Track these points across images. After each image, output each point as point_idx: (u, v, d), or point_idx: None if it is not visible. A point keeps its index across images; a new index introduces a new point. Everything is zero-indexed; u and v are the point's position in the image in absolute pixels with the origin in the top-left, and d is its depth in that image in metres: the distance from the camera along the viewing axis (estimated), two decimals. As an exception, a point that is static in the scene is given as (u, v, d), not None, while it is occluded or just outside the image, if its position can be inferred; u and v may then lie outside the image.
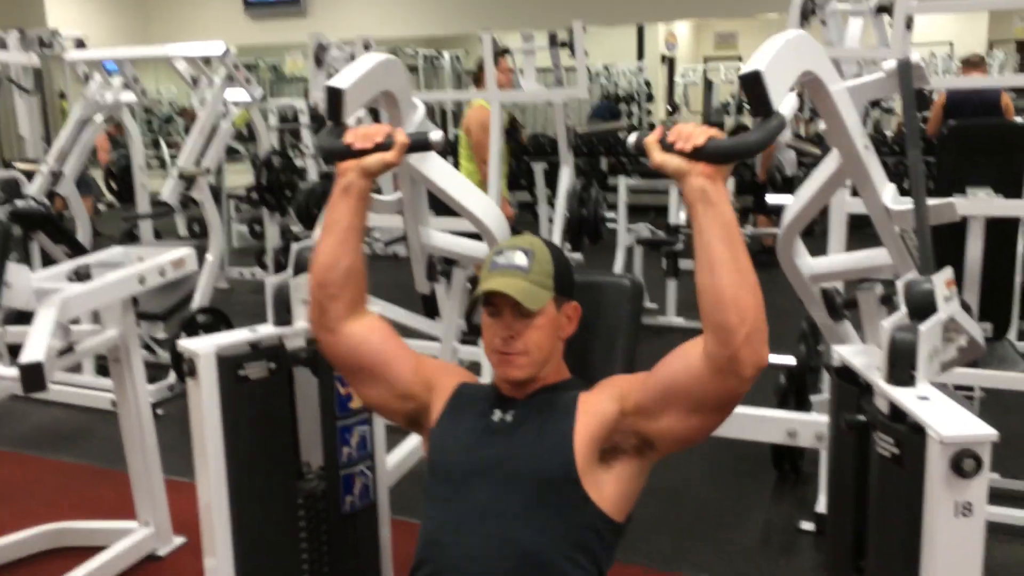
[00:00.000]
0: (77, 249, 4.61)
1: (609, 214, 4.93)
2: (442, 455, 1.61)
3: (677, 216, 5.93)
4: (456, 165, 5.01)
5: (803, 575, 2.68)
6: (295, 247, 2.02)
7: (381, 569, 2.09)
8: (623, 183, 5.76)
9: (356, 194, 1.65)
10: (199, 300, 4.57)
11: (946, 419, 1.30)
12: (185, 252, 2.94)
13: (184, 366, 1.81)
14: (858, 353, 1.61)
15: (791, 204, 1.87)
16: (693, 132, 1.39)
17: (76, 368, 4.60)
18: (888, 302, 1.81)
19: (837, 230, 2.89)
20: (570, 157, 3.71)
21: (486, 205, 2.07)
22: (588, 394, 1.60)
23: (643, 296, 1.79)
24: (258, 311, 2.07)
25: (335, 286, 1.65)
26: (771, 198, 5.75)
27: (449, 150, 4.12)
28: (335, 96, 1.67)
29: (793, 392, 3.23)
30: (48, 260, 4.34)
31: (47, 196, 5.08)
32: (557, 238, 3.62)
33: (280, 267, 5.05)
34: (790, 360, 3.09)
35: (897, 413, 1.39)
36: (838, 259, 1.92)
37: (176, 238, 6.98)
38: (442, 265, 2.56)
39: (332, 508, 1.96)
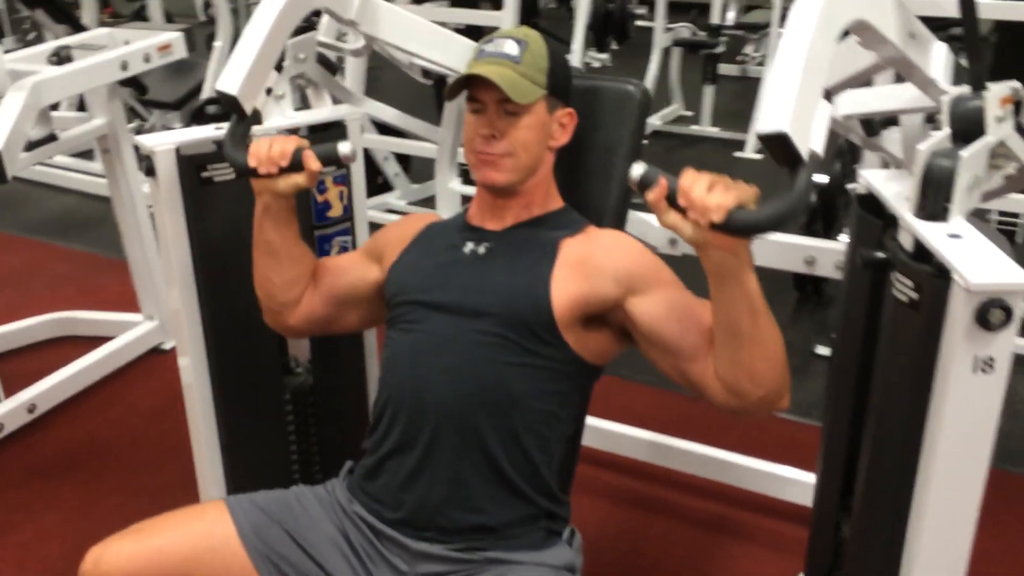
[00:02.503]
0: (79, 29, 4.39)
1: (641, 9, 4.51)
2: (404, 283, 1.47)
3: (721, 16, 5.50)
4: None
5: (814, 398, 2.59)
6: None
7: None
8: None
9: (277, 214, 1.48)
10: (208, 89, 4.36)
11: (976, 262, 1.11)
12: (172, 36, 2.72)
13: (141, 164, 1.65)
14: (889, 179, 1.40)
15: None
16: (707, 202, 1.10)
17: (89, 154, 4.49)
18: (932, 121, 1.57)
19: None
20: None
21: (458, 48, 1.79)
22: (574, 240, 1.43)
23: (649, 108, 1.57)
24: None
25: (286, 296, 1.54)
26: None
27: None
28: (229, 100, 1.50)
29: (822, 214, 3.03)
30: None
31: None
32: (579, 35, 3.31)
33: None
34: (823, 179, 2.86)
35: (922, 252, 1.20)
36: (870, 94, 1.65)
37: (192, 20, 6.63)
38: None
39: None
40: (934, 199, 1.23)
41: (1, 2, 6.38)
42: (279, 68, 1.74)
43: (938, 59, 1.41)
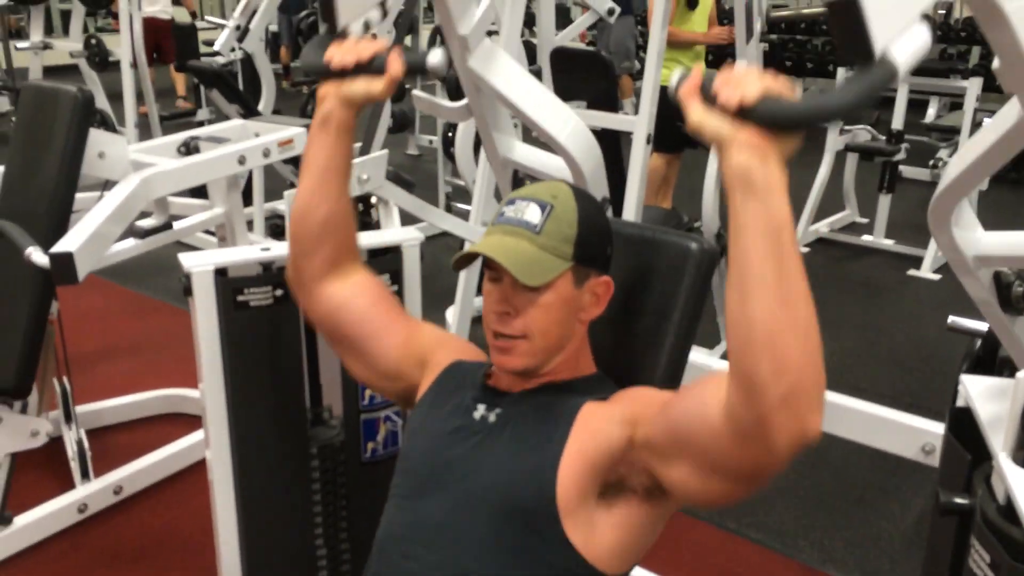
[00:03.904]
0: (249, 110, 4.61)
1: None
2: (409, 448, 1.32)
3: (913, 116, 5.09)
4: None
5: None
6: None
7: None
8: (843, 73, 4.95)
9: (336, 127, 1.33)
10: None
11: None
12: (295, 132, 2.74)
13: (182, 281, 1.60)
14: (996, 394, 1.11)
15: (953, 160, 1.33)
16: (744, 79, 0.95)
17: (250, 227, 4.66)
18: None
19: None
20: (755, 50, 3.10)
21: (567, 122, 1.65)
22: (597, 405, 1.22)
23: (714, 269, 1.35)
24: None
25: (309, 240, 1.36)
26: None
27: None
28: (326, 4, 1.32)
29: (989, 364, 2.62)
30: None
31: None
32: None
33: (447, 142, 4.81)
34: (981, 326, 2.47)
35: (1013, 510, 0.92)
36: (1019, 237, 1.37)
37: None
38: (529, 181, 2.16)
39: (350, 456, 1.74)
40: (1036, 443, 0.95)
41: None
42: (384, 9, 1.58)
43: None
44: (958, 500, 1.00)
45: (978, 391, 1.11)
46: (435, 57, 1.28)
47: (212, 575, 1.78)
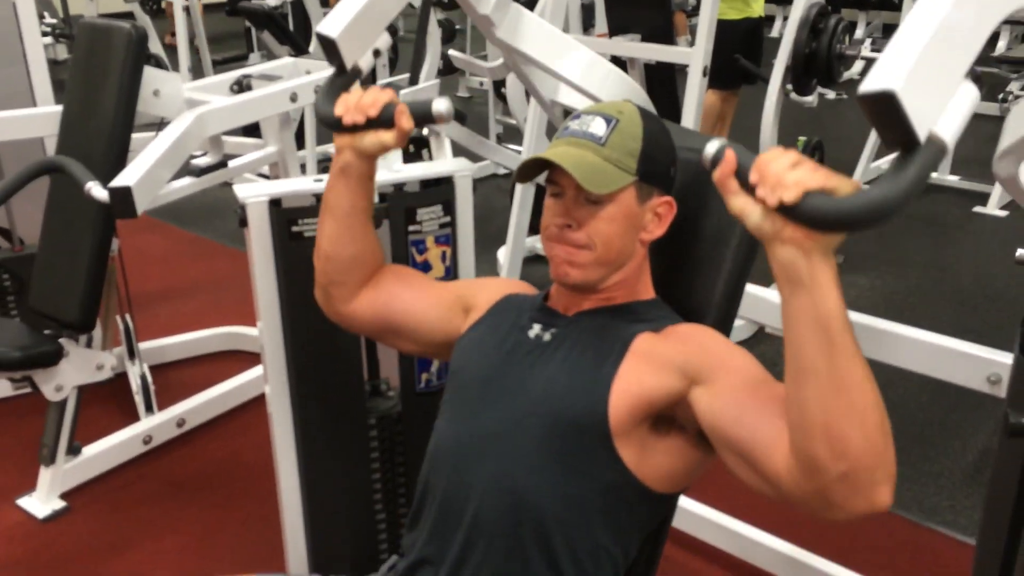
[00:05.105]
0: (300, 50, 4.61)
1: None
2: (462, 364, 1.32)
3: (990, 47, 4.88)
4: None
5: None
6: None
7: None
8: (909, 5, 4.76)
9: (355, 177, 1.32)
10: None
11: None
12: (346, 67, 2.72)
13: (237, 212, 1.61)
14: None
15: (1016, 118, 1.26)
16: (782, 175, 0.88)
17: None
18: None
19: None
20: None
21: (606, 77, 1.60)
22: (653, 337, 1.21)
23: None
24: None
25: (340, 273, 1.38)
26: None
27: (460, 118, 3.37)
28: (328, 45, 1.33)
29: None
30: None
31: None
32: (778, 75, 2.99)
33: (498, 83, 4.76)
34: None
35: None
36: None
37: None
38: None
39: (406, 387, 1.75)
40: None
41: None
42: (393, 31, 1.55)
43: None
44: (1027, 421, 0.97)
45: (1051, 312, 1.08)
46: (440, 105, 1.27)
47: (273, 502, 1.83)
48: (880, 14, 7.33)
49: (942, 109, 0.82)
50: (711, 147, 0.96)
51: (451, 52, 1.82)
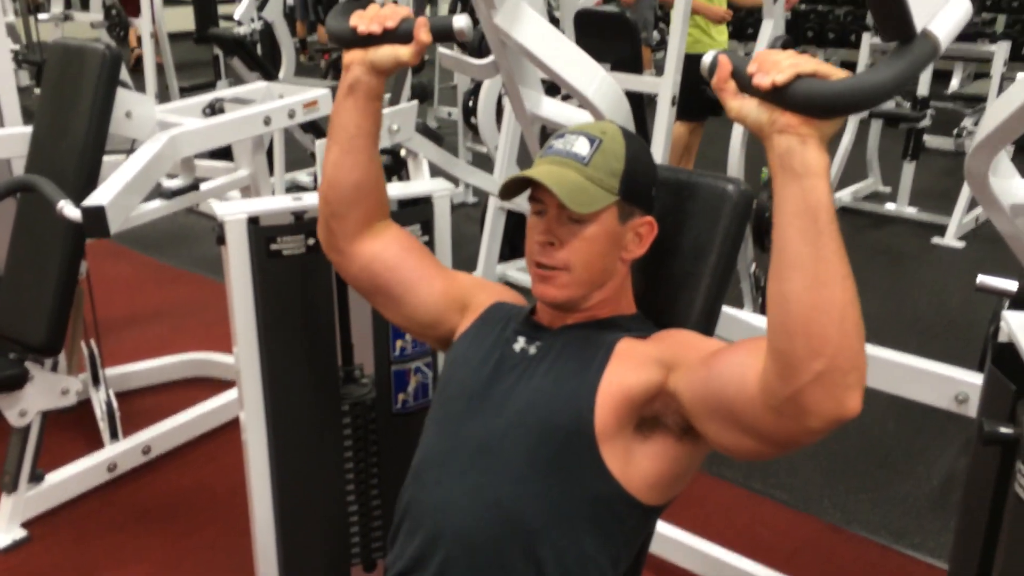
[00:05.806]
0: (270, 77, 4.61)
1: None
2: (449, 376, 1.32)
3: (937, 85, 5.03)
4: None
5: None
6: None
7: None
8: (867, 42, 4.90)
9: (363, 94, 1.32)
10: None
11: None
12: (320, 93, 2.73)
13: (215, 231, 1.61)
14: (1040, 328, 1.11)
15: (992, 108, 1.31)
16: (779, 60, 0.94)
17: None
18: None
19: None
20: (779, 8, 3.08)
21: (595, 77, 1.63)
22: (635, 341, 1.23)
23: (749, 212, 1.34)
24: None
25: (341, 203, 1.36)
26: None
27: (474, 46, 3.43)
28: None
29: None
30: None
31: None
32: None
33: (468, 111, 4.80)
34: (1011, 284, 2.44)
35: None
36: None
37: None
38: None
39: (381, 409, 1.75)
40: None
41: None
42: None
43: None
44: (1003, 429, 0.99)
45: (1020, 325, 1.11)
46: (460, 21, 1.27)
47: (241, 531, 1.80)
48: (838, 51, 7.53)
49: (937, 9, 0.89)
50: (707, 57, 1.01)
51: (441, 51, 1.83)
